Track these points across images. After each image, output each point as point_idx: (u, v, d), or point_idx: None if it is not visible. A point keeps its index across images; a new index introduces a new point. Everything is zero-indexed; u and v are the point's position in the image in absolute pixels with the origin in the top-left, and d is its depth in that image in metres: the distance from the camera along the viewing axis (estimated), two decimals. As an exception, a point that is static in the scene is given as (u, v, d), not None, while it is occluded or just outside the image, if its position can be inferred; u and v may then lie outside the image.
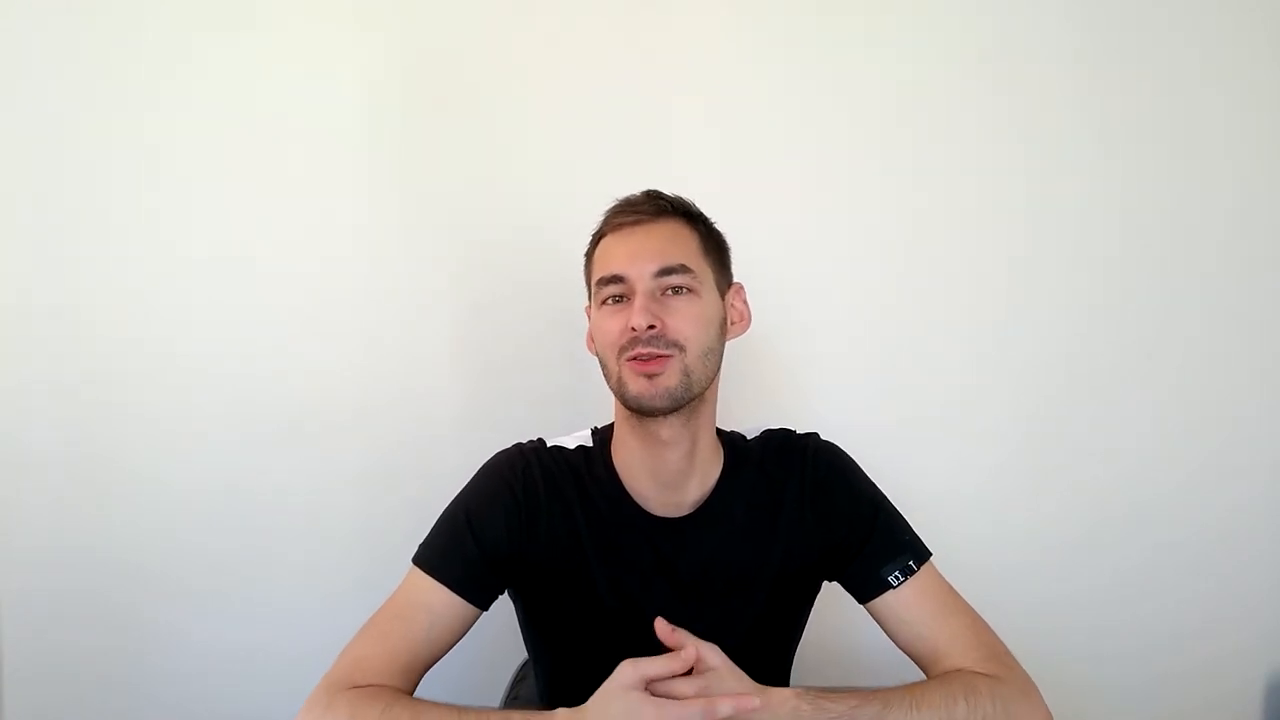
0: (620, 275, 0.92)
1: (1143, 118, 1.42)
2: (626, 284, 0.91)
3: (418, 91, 1.36)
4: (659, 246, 0.92)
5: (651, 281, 0.91)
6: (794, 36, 1.38)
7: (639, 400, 0.89)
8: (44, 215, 1.32)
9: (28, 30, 1.30)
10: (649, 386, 0.88)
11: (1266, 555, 1.48)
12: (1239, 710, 1.49)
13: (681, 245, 0.93)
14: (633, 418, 0.93)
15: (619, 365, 0.90)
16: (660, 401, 0.88)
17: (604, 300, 0.93)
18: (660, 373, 0.88)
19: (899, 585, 0.94)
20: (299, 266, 1.36)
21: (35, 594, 1.35)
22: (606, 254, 0.95)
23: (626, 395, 0.90)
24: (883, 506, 1.00)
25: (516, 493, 0.96)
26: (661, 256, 0.91)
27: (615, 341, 0.90)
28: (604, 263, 0.94)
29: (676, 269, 0.91)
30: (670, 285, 0.91)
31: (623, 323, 0.90)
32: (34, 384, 1.33)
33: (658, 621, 0.81)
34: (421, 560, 0.94)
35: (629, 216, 0.94)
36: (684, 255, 0.92)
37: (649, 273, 0.91)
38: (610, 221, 0.96)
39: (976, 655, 0.90)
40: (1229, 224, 1.44)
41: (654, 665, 0.78)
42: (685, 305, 0.91)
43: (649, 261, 0.91)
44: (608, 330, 0.92)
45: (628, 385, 0.90)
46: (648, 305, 0.89)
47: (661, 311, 0.89)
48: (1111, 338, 1.44)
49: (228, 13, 1.32)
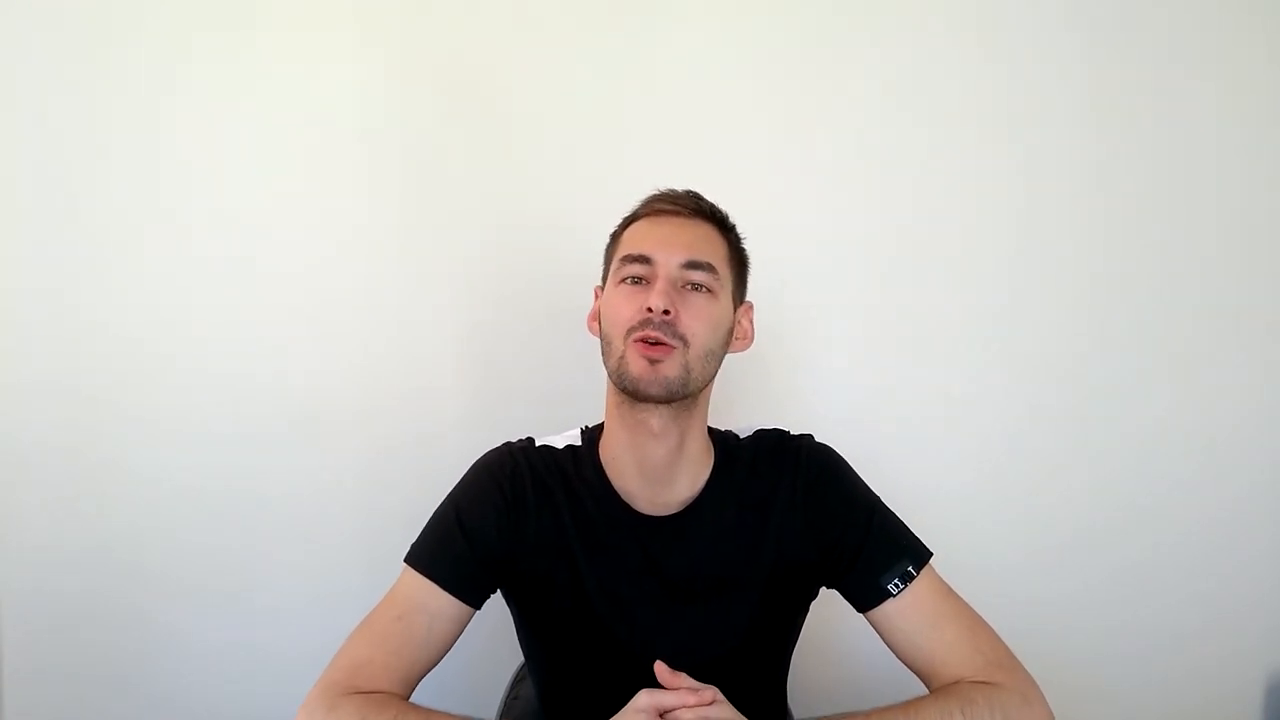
0: (648, 256, 0.92)
1: (1143, 117, 1.42)
2: (651, 267, 0.92)
3: (419, 91, 1.36)
4: (690, 240, 0.94)
5: (676, 271, 0.91)
6: (794, 37, 1.38)
7: (636, 382, 0.89)
8: (44, 215, 1.32)
9: (28, 30, 1.30)
10: (649, 370, 0.88)
11: (1266, 555, 1.48)
12: (1239, 710, 1.49)
13: (711, 247, 0.95)
14: (624, 404, 0.93)
15: (625, 344, 0.90)
16: (656, 389, 0.88)
17: (623, 279, 0.93)
18: (662, 360, 0.88)
19: (899, 593, 0.93)
20: (299, 267, 1.36)
21: (35, 594, 1.35)
22: (638, 234, 0.96)
23: (626, 375, 0.90)
24: (878, 510, 0.99)
25: (505, 492, 0.96)
26: (691, 250, 0.93)
27: (626, 320, 0.91)
28: (633, 242, 0.95)
29: (703, 265, 0.92)
30: (693, 280, 0.92)
31: (638, 303, 0.90)
32: (34, 384, 1.33)
33: (658, 665, 0.82)
34: (414, 560, 0.94)
35: (668, 205, 0.96)
36: (712, 256, 0.94)
37: (676, 262, 0.92)
38: (649, 206, 0.98)
39: (976, 663, 0.89)
40: (1228, 223, 1.44)
41: (669, 697, 0.80)
42: (702, 303, 0.92)
43: (678, 251, 0.92)
44: (620, 308, 0.92)
45: (629, 365, 0.90)
46: (668, 290, 0.90)
47: (679, 302, 0.90)
48: (1111, 337, 1.44)
49: (228, 13, 1.32)
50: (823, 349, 1.43)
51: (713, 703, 0.80)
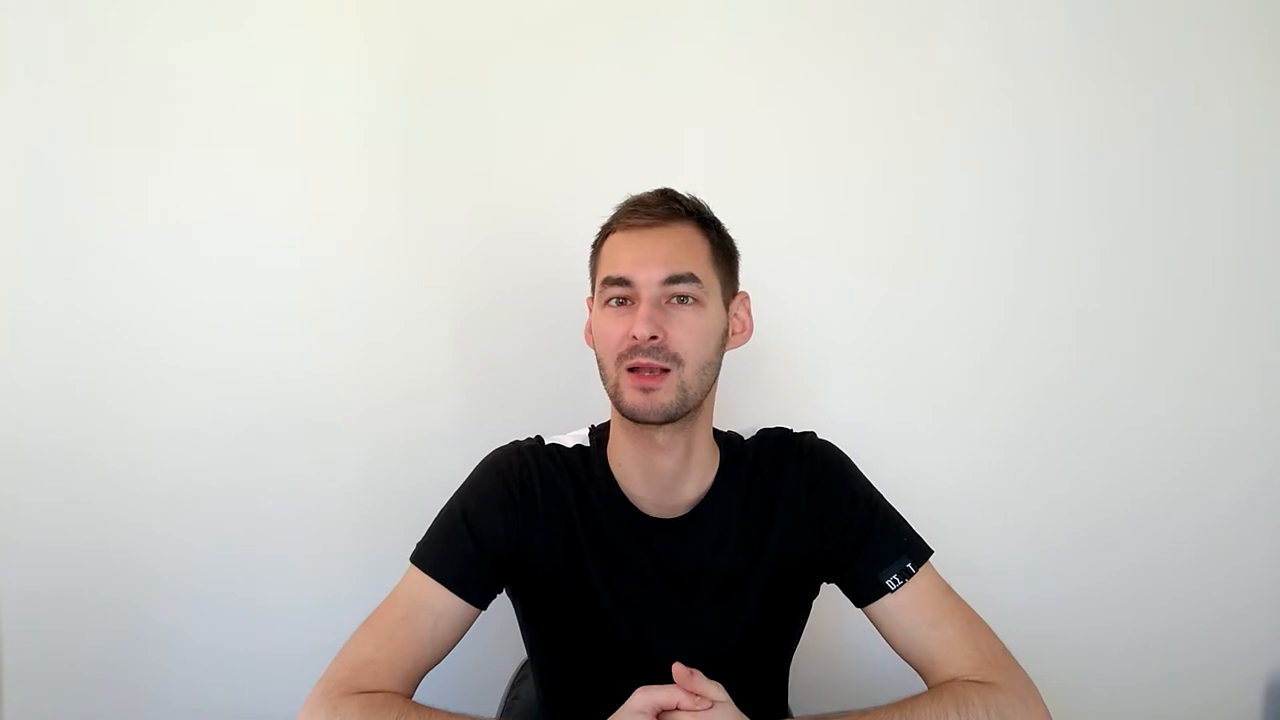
0: (626, 279, 0.90)
1: (1142, 118, 1.42)
2: (632, 288, 0.90)
3: (418, 91, 1.36)
4: (668, 253, 0.90)
5: (658, 289, 0.89)
6: (794, 37, 1.38)
7: (634, 412, 0.89)
8: (44, 216, 1.32)
9: (28, 30, 1.30)
10: (645, 400, 0.88)
11: (1266, 556, 1.48)
12: (1239, 710, 1.49)
13: (691, 253, 0.91)
14: (626, 420, 0.93)
15: (617, 372, 0.90)
16: (655, 416, 0.88)
17: (607, 301, 0.92)
18: (657, 388, 0.88)
19: (896, 589, 0.93)
20: (299, 267, 1.36)
21: (35, 594, 1.35)
22: (614, 253, 0.93)
23: (622, 405, 0.90)
24: (879, 507, 0.99)
25: (514, 491, 0.95)
26: (670, 264, 0.89)
27: (615, 347, 0.90)
28: (611, 262, 0.92)
29: (684, 278, 0.89)
30: (676, 294, 0.90)
31: (624, 328, 0.89)
32: (33, 384, 1.33)
33: (676, 666, 0.81)
34: (420, 559, 0.94)
35: (641, 219, 0.92)
36: (693, 263, 0.90)
37: (656, 280, 0.89)
38: (621, 220, 0.94)
39: (973, 661, 0.89)
40: (1228, 222, 1.44)
41: (662, 694, 0.80)
42: (689, 316, 0.90)
43: (657, 268, 0.89)
44: (608, 334, 0.91)
45: (624, 395, 0.89)
46: (652, 315, 0.87)
47: (665, 321, 0.88)
48: (1110, 337, 1.44)
49: (228, 13, 1.32)
50: (823, 350, 1.42)
51: (713, 706, 0.80)
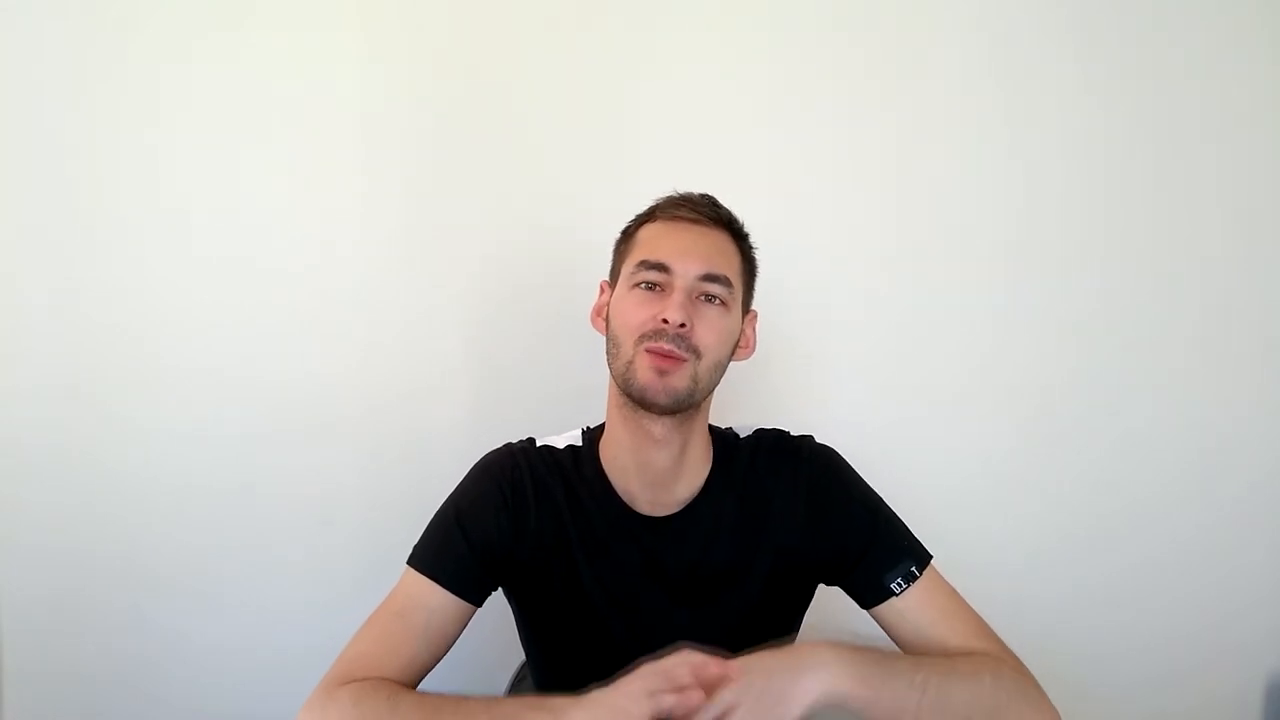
0: (666, 265, 0.92)
1: (1142, 113, 1.42)
2: (668, 276, 0.92)
3: (421, 91, 1.36)
4: (708, 251, 0.93)
5: (693, 282, 0.92)
6: (795, 40, 1.38)
7: (643, 391, 0.89)
8: (44, 216, 1.32)
9: (28, 29, 1.29)
10: (657, 381, 0.89)
11: (1266, 556, 1.48)
12: (1239, 710, 1.49)
13: (726, 258, 0.95)
14: (626, 408, 0.93)
15: (635, 350, 0.91)
16: (663, 399, 0.89)
17: (638, 283, 0.93)
18: (672, 372, 0.89)
19: (902, 592, 0.94)
20: (301, 266, 1.36)
21: (35, 594, 1.35)
22: (655, 239, 0.95)
23: (633, 382, 0.90)
24: (881, 511, 0.99)
25: (505, 492, 0.96)
26: (709, 262, 0.93)
27: (638, 326, 0.91)
28: (651, 247, 0.94)
29: (720, 278, 0.93)
30: (708, 292, 0.92)
31: (652, 311, 0.90)
32: (34, 384, 1.33)
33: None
34: (415, 560, 0.95)
35: (688, 212, 0.95)
36: (727, 268, 0.94)
37: (694, 273, 0.92)
38: (666, 210, 0.97)
39: (988, 651, 0.90)
40: (1228, 223, 1.44)
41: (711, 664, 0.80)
42: (716, 315, 0.93)
43: (697, 262, 0.92)
44: (633, 312, 0.92)
45: (637, 373, 0.90)
46: (685, 303, 0.90)
47: (694, 314, 0.91)
48: (1110, 338, 1.44)
49: (229, 13, 1.32)
50: (823, 350, 1.43)
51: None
